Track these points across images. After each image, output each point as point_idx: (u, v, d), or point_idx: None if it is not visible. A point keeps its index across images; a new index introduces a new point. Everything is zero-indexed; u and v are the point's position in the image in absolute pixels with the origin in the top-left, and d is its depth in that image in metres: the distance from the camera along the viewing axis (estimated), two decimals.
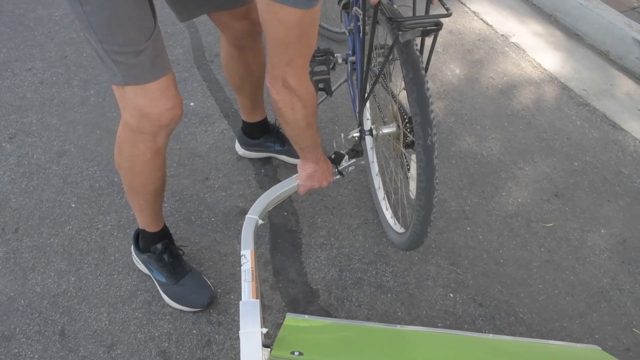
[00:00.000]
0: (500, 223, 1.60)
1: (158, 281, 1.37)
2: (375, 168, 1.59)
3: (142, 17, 0.96)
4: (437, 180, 1.06)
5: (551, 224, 1.62)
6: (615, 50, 2.40)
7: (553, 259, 1.52)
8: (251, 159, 1.75)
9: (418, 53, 1.05)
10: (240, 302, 1.04)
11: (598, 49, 2.47)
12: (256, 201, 1.24)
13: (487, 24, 2.50)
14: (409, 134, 1.22)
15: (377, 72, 1.43)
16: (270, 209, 1.28)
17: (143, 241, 1.36)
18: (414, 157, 1.16)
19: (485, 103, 2.04)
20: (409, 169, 1.31)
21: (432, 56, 1.15)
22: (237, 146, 1.73)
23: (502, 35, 2.44)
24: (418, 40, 1.06)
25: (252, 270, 1.11)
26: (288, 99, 1.00)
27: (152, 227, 1.33)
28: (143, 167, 1.16)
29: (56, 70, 2.09)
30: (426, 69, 1.06)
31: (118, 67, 0.98)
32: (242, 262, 1.12)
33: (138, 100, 1.03)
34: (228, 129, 1.86)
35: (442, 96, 2.06)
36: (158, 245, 1.34)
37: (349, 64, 1.54)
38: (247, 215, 1.20)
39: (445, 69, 2.20)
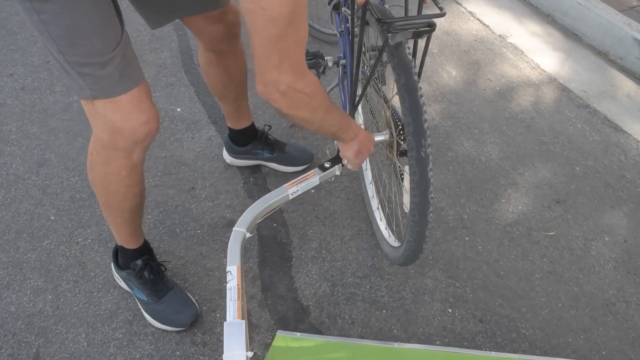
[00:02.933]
0: (500, 232, 1.52)
1: (139, 299, 1.28)
2: (368, 176, 1.51)
3: (107, 24, 0.88)
4: (432, 195, 0.98)
5: (553, 233, 1.54)
6: (615, 51, 2.33)
7: (556, 270, 1.44)
8: (239, 167, 1.66)
9: (410, 57, 0.97)
10: (225, 322, 0.96)
11: (597, 49, 2.39)
12: (244, 213, 1.15)
13: (484, 24, 2.43)
14: (402, 143, 1.14)
15: (369, 75, 1.35)
16: (259, 221, 1.19)
17: (122, 258, 1.28)
18: (407, 168, 1.08)
19: (482, 106, 1.97)
20: (402, 180, 1.23)
21: (427, 59, 1.08)
22: (225, 154, 1.65)
23: (500, 35, 2.36)
24: (411, 43, 0.98)
25: (239, 288, 1.03)
26: (290, 101, 0.84)
27: (131, 244, 1.25)
28: (118, 185, 1.07)
29: (38, 75, 2.01)
30: (419, 74, 0.98)
31: (84, 80, 0.90)
32: (227, 279, 1.04)
33: (109, 114, 0.95)
34: (216, 136, 1.77)
35: (439, 99, 1.98)
36: (138, 261, 1.25)
37: (340, 67, 1.46)
38: (234, 229, 1.12)
39: (441, 71, 2.12)
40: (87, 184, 1.60)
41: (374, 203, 1.45)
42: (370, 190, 1.48)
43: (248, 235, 1.12)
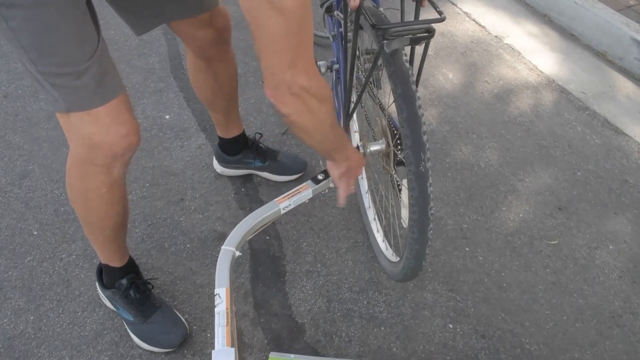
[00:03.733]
0: (502, 242, 1.46)
1: (125, 320, 1.21)
2: (364, 185, 1.44)
3: (81, 31, 0.81)
4: (432, 211, 0.92)
5: (556, 241, 1.48)
6: (613, 51, 2.27)
7: (559, 281, 1.38)
8: (230, 177, 1.59)
9: (407, 64, 0.90)
10: (213, 351, 0.89)
11: (595, 49, 2.34)
12: (233, 230, 1.08)
13: (480, 25, 2.36)
14: (399, 153, 1.08)
15: (364, 81, 1.29)
16: (249, 237, 1.12)
17: (107, 277, 1.21)
18: (405, 182, 1.01)
19: (480, 109, 1.90)
20: (400, 192, 1.16)
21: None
22: (215, 163, 1.58)
23: (496, 36, 2.30)
24: (408, 49, 0.92)
25: (227, 312, 0.96)
26: (302, 106, 0.75)
27: (115, 262, 1.18)
28: (99, 202, 1.00)
29: (22, 82, 1.93)
30: (417, 83, 0.91)
31: (58, 92, 0.83)
32: (216, 303, 0.97)
33: (85, 128, 0.88)
34: (206, 144, 1.70)
35: (435, 103, 1.92)
36: (123, 281, 1.18)
37: (334, 72, 1.39)
38: (222, 247, 1.05)
39: (437, 74, 2.05)
40: None
41: (371, 214, 1.39)
42: (367, 200, 1.41)
43: (238, 254, 1.05)
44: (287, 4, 0.63)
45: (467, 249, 1.44)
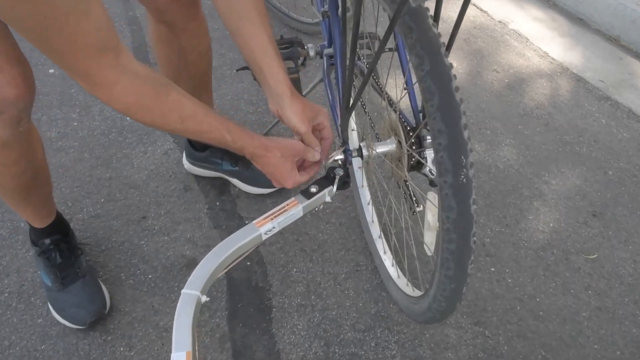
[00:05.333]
0: (532, 259, 1.19)
1: (44, 285, 1.06)
2: (365, 195, 1.16)
3: None
4: (474, 238, 0.64)
5: (595, 255, 1.21)
6: (627, 35, 2.02)
7: (605, 305, 1.11)
8: (203, 189, 1.30)
9: (436, 29, 0.62)
10: None
11: (606, 34, 2.09)
12: (197, 267, 0.79)
13: (481, 9, 2.10)
14: (415, 154, 0.80)
15: (367, 67, 1.01)
16: (220, 275, 0.83)
17: (32, 233, 1.07)
18: (431, 195, 0.73)
19: (491, 101, 1.63)
20: (415, 204, 0.88)
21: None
22: (184, 159, 1.30)
23: (500, 21, 2.04)
24: (431, 5, 0.64)
25: None
26: (126, 97, 0.64)
27: (35, 223, 1.03)
28: None
29: None
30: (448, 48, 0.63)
31: None
32: None
33: None
34: (174, 149, 1.40)
35: None
36: (46, 240, 1.04)
37: (325, 58, 1.11)
38: (183, 291, 0.76)
39: None
40: (9, 216, 1.22)
41: (375, 231, 1.11)
42: (369, 213, 1.13)
43: (204, 299, 0.76)
44: None
45: (493, 269, 1.16)
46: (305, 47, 1.08)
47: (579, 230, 1.26)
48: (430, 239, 0.74)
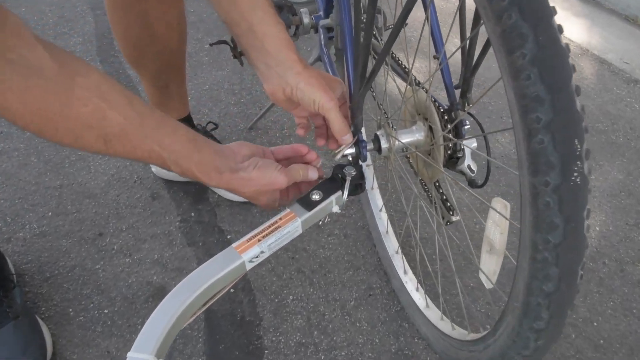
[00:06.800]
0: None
1: None
2: (377, 199, 0.92)
3: None
4: (582, 271, 0.40)
5: None
6: None
7: None
8: (174, 197, 1.04)
9: None
10: None
11: (622, 14, 1.88)
12: (146, 322, 0.53)
13: None
14: (459, 142, 0.56)
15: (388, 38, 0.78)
16: (185, 325, 0.57)
17: None
18: (498, 204, 0.49)
19: None
20: (451, 211, 0.65)
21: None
22: None
23: None
24: None
25: None
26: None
27: None
28: None
29: None
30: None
31: None
32: None
33: None
34: None
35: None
36: None
37: (322, 30, 0.86)
38: (128, 354, 0.50)
39: (447, 44, 1.55)
40: None
41: (391, 244, 0.86)
42: (382, 222, 0.89)
43: None
44: None
45: None
46: (298, 13, 0.84)
47: (631, 234, 1.04)
48: (492, 266, 0.50)
